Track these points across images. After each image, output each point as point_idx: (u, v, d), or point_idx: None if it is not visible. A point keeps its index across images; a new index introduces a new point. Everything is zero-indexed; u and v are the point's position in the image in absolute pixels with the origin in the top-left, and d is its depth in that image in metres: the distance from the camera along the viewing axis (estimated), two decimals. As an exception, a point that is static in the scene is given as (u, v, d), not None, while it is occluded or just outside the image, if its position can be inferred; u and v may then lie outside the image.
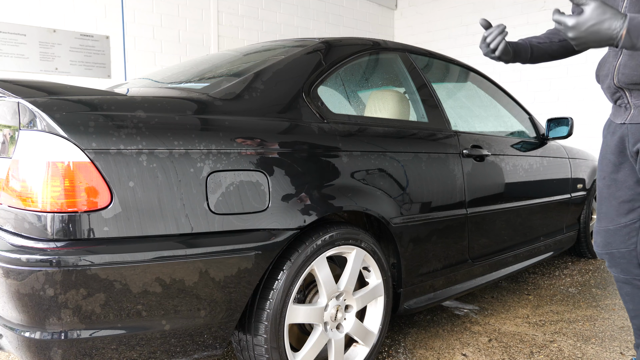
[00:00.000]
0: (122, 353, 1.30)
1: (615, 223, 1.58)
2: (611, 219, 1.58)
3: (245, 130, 1.48)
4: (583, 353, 2.08)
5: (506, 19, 6.13)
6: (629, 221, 1.55)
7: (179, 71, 2.04)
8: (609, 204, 1.58)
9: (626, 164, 1.51)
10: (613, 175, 1.55)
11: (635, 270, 1.59)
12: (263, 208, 1.45)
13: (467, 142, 2.24)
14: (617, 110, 1.47)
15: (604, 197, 1.59)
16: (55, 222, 1.19)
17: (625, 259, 1.59)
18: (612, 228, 1.59)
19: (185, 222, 1.32)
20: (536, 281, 3.13)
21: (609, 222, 1.60)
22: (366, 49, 2.06)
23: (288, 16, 5.87)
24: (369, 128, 1.86)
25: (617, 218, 1.57)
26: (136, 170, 1.26)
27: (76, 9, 4.19)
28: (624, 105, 1.44)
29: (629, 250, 1.57)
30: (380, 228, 1.94)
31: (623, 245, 1.58)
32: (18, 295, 1.19)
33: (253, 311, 1.52)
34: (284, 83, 1.69)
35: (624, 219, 1.56)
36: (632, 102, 1.41)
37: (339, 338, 1.71)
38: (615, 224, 1.58)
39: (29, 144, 1.23)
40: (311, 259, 1.58)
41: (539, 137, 2.90)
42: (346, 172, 1.70)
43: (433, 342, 2.17)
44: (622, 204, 1.55)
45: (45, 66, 4.08)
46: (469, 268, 2.27)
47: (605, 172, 1.57)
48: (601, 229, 1.62)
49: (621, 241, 1.58)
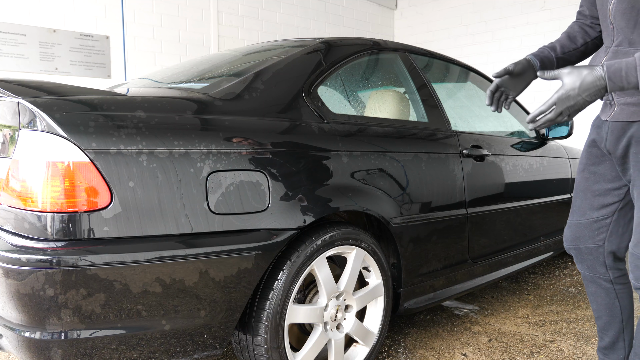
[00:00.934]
0: (122, 353, 1.30)
1: (587, 217, 1.56)
2: (583, 212, 1.57)
3: (245, 130, 1.48)
4: (583, 353, 2.08)
5: (506, 19, 6.14)
6: (601, 216, 1.54)
7: (179, 71, 2.04)
8: (584, 197, 1.57)
9: (607, 157, 1.51)
10: (593, 168, 1.54)
11: (600, 269, 1.57)
12: (263, 208, 1.45)
13: (467, 142, 2.24)
14: (604, 106, 1.48)
15: (580, 189, 1.58)
16: (55, 222, 1.19)
17: (592, 256, 1.57)
18: (583, 222, 1.57)
19: (185, 222, 1.32)
20: (536, 281, 3.13)
21: (580, 216, 1.58)
22: (366, 49, 2.06)
23: (288, 16, 5.87)
24: (369, 128, 1.86)
25: (590, 212, 1.55)
26: (136, 170, 1.26)
27: (76, 9, 4.19)
28: (609, 102, 1.44)
29: (596, 246, 1.56)
30: (380, 228, 1.94)
31: (591, 240, 1.56)
32: (18, 295, 1.19)
33: (253, 311, 1.52)
34: (284, 83, 1.69)
35: (596, 214, 1.54)
36: (615, 99, 1.41)
37: (339, 338, 1.71)
38: (586, 218, 1.56)
39: (29, 144, 1.23)
40: (311, 259, 1.58)
41: (539, 137, 2.90)
42: (346, 172, 1.70)
43: (433, 342, 2.18)
44: (597, 198, 1.53)
45: (45, 66, 4.08)
46: (469, 268, 2.28)
47: (585, 165, 1.57)
48: (572, 222, 1.61)
49: (590, 236, 1.56)
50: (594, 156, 1.54)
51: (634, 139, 1.37)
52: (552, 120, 1.28)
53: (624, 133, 1.40)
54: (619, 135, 1.42)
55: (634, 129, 1.37)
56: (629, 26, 1.33)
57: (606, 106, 1.46)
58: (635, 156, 1.37)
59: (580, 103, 1.24)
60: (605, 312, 1.61)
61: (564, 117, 1.27)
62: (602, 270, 1.57)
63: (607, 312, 1.61)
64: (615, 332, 1.61)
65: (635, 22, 1.32)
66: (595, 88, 1.22)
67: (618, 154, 1.44)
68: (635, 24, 1.32)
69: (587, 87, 1.22)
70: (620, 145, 1.42)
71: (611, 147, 1.46)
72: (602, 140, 1.49)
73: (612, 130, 1.44)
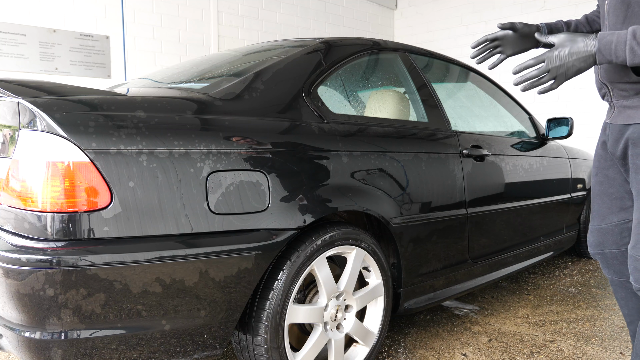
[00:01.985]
0: (122, 353, 1.30)
1: (607, 221, 1.53)
2: (603, 216, 1.54)
3: (245, 130, 1.48)
4: (583, 353, 2.08)
5: (506, 19, 6.13)
6: (621, 220, 1.50)
7: (179, 71, 2.04)
8: (602, 201, 1.54)
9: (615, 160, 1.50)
10: (605, 172, 1.52)
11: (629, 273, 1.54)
12: (263, 208, 1.45)
13: (467, 142, 2.24)
14: (608, 108, 1.47)
15: (597, 193, 1.56)
16: (55, 222, 1.19)
17: (618, 260, 1.53)
18: (604, 227, 1.54)
19: (185, 222, 1.32)
20: (536, 281, 3.13)
21: (601, 221, 1.55)
22: (366, 49, 2.06)
23: (288, 16, 5.87)
24: (369, 128, 1.86)
25: (609, 216, 1.52)
26: (136, 170, 1.26)
27: (76, 9, 4.19)
28: (610, 103, 1.44)
29: (622, 251, 1.52)
30: (380, 228, 1.94)
31: (615, 245, 1.52)
32: (18, 295, 1.19)
33: (253, 311, 1.52)
34: (284, 83, 1.69)
35: (615, 218, 1.51)
36: (614, 102, 1.40)
37: (339, 338, 1.71)
38: (607, 223, 1.53)
39: (29, 144, 1.23)
40: (311, 259, 1.58)
41: (539, 137, 2.90)
42: (346, 172, 1.70)
43: (433, 342, 2.17)
44: (614, 201, 1.51)
45: (45, 66, 4.08)
46: (469, 268, 2.27)
47: (598, 168, 1.54)
48: (594, 227, 1.57)
49: (614, 241, 1.52)
50: (604, 159, 1.52)
51: (631, 141, 1.36)
52: (536, 78, 1.25)
53: (622, 135, 1.39)
54: (617, 137, 1.41)
55: (630, 132, 1.36)
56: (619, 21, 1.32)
57: (609, 108, 1.46)
58: (632, 158, 1.36)
59: (568, 66, 1.23)
60: (638, 316, 1.56)
61: (550, 77, 1.25)
62: None
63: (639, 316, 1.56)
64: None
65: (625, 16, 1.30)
66: (585, 54, 1.21)
67: (618, 156, 1.43)
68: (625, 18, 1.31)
69: (577, 51, 1.21)
70: (619, 147, 1.41)
71: (612, 150, 1.45)
72: (606, 143, 1.48)
73: (612, 133, 1.43)
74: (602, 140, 1.53)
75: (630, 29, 1.16)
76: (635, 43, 1.15)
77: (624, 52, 1.16)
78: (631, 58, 1.16)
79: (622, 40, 1.16)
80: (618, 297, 1.61)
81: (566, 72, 1.24)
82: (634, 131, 1.35)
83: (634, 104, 1.34)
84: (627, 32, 1.16)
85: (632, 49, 1.15)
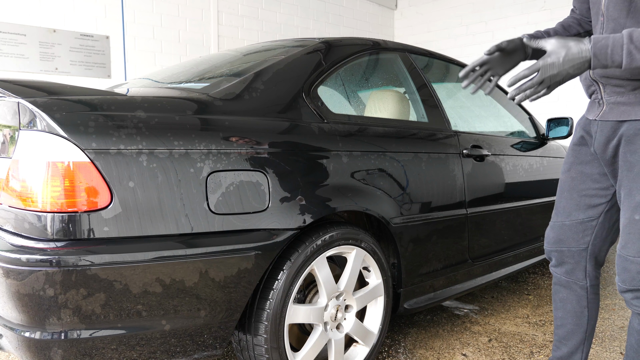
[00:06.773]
0: (122, 353, 1.30)
1: (573, 218, 1.51)
2: (569, 213, 1.52)
3: (245, 130, 1.48)
4: (583, 353, 2.08)
5: (506, 19, 6.13)
6: (587, 217, 1.49)
7: (179, 71, 2.04)
8: (570, 197, 1.52)
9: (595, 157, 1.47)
10: (580, 167, 1.50)
11: (579, 274, 1.53)
12: (263, 208, 1.45)
13: (467, 142, 2.24)
14: (592, 105, 1.44)
15: (565, 189, 1.54)
16: (55, 222, 1.19)
17: (574, 259, 1.52)
18: (568, 223, 1.52)
19: (185, 222, 1.32)
20: (536, 281, 3.13)
21: (565, 217, 1.53)
22: (366, 49, 2.06)
23: (288, 16, 5.87)
24: (369, 128, 1.86)
25: (575, 212, 1.50)
26: (136, 170, 1.26)
27: (76, 9, 4.19)
28: (597, 100, 1.41)
29: (580, 250, 1.51)
30: (380, 228, 1.94)
31: (575, 243, 1.51)
32: (18, 295, 1.19)
33: (253, 311, 1.52)
34: (284, 83, 1.69)
35: (582, 215, 1.49)
36: (605, 99, 1.38)
37: (339, 338, 1.71)
38: (572, 219, 1.51)
39: (29, 144, 1.23)
40: (311, 259, 1.58)
41: (539, 137, 2.90)
42: (346, 172, 1.70)
43: (433, 342, 2.17)
44: (583, 198, 1.49)
45: (45, 66, 4.08)
46: (469, 268, 2.28)
47: (572, 164, 1.52)
48: (556, 223, 1.55)
49: (574, 239, 1.51)
50: (583, 154, 1.50)
51: (624, 137, 1.33)
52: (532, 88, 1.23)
53: (614, 133, 1.36)
54: (608, 135, 1.38)
55: (624, 128, 1.33)
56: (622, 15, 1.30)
57: (594, 105, 1.43)
58: (624, 155, 1.34)
59: (562, 74, 1.20)
60: (571, 320, 1.56)
61: (545, 86, 1.22)
62: (581, 276, 1.53)
63: (573, 320, 1.56)
64: (577, 342, 1.56)
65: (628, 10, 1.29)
66: (580, 60, 1.18)
67: (608, 154, 1.40)
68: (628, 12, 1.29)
69: (572, 58, 1.18)
70: (610, 145, 1.38)
71: (600, 148, 1.41)
72: (590, 140, 1.45)
73: (602, 130, 1.40)
74: (579, 135, 1.51)
75: (626, 32, 1.14)
76: (633, 47, 1.13)
77: (621, 57, 1.14)
78: (628, 62, 1.14)
79: (619, 44, 1.14)
80: (557, 298, 1.59)
81: (560, 80, 1.22)
82: (629, 128, 1.33)
83: (629, 100, 1.33)
84: (622, 36, 1.14)
85: (630, 52, 1.13)
